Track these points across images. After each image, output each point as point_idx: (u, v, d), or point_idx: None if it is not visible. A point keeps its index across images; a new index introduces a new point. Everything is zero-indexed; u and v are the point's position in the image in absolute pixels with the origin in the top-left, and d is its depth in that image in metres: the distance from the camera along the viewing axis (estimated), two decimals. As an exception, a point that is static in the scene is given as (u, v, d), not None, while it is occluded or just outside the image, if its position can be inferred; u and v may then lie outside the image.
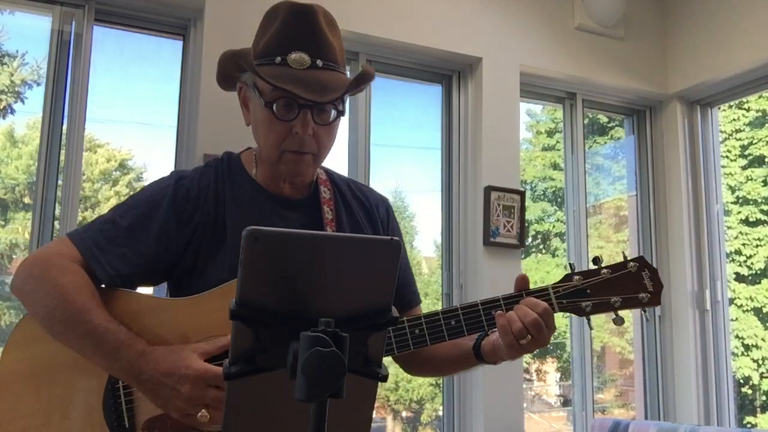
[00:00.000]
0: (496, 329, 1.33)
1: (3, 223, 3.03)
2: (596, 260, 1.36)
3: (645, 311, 1.37)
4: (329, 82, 1.33)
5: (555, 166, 8.13)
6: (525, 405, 4.16)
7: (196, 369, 1.19)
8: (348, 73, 1.44)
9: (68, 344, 1.26)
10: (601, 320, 4.28)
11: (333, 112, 1.37)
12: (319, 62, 1.33)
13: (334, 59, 1.37)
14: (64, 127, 2.73)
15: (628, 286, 1.35)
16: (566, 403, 7.24)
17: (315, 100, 1.32)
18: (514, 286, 1.36)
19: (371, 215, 1.53)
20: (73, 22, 2.78)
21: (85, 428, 1.27)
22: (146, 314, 1.30)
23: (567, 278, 1.36)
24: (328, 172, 1.55)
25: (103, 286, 1.32)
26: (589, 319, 1.37)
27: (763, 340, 8.13)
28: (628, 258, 1.37)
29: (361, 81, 1.39)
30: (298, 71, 1.32)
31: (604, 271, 1.36)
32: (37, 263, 1.30)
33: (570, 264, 1.39)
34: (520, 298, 1.32)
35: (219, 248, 1.36)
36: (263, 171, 1.44)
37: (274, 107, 1.33)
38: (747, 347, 8.08)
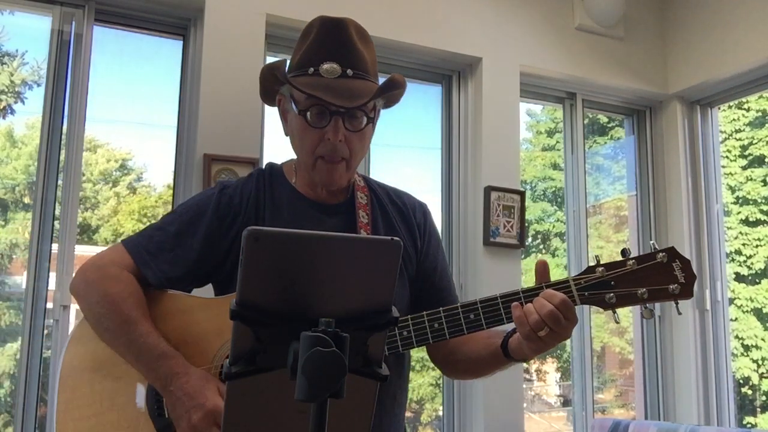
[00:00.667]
0: None
1: (3, 223, 3.03)
2: (624, 252, 1.32)
3: (677, 304, 1.32)
4: (358, 89, 1.41)
5: (555, 166, 8.13)
6: (525, 405, 4.16)
7: (213, 403, 1.26)
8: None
9: (114, 349, 1.38)
10: (600, 320, 4.28)
11: (364, 119, 1.44)
12: (349, 71, 1.42)
13: (365, 69, 1.45)
14: (64, 127, 2.73)
15: (657, 277, 1.30)
16: (566, 403, 7.24)
17: (343, 105, 1.38)
18: (535, 275, 1.35)
19: (408, 220, 1.59)
20: (73, 22, 2.78)
21: (129, 418, 1.37)
22: (186, 312, 1.42)
23: (590, 270, 1.33)
24: (366, 179, 1.63)
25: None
26: (615, 312, 1.33)
27: (763, 340, 8.13)
28: (658, 248, 1.32)
29: (389, 87, 1.46)
30: (329, 80, 1.40)
31: (630, 262, 1.31)
32: (93, 270, 1.42)
33: (595, 257, 1.35)
34: (539, 291, 1.30)
35: None
36: (302, 179, 1.52)
37: (308, 115, 1.41)
38: (747, 347, 8.07)
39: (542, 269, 1.34)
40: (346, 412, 0.85)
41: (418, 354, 3.43)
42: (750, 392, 8.09)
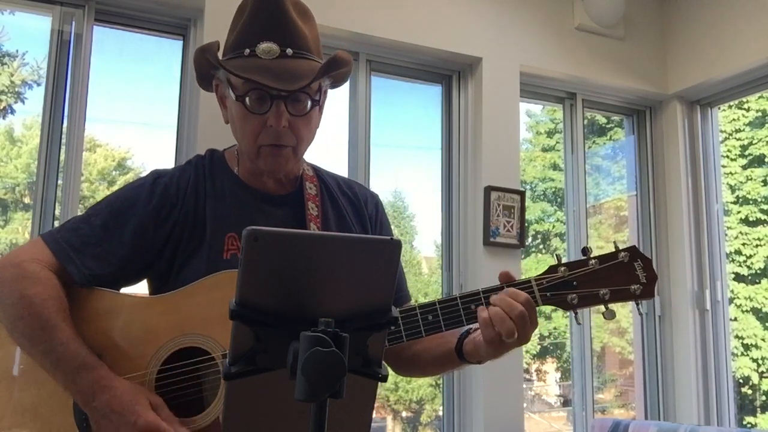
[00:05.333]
0: (477, 325, 1.25)
1: (3, 223, 3.03)
2: (585, 251, 1.29)
3: (639, 305, 1.29)
4: (299, 70, 1.30)
5: (555, 167, 8.13)
6: (525, 405, 4.16)
7: (145, 420, 1.16)
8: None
9: (30, 356, 1.24)
10: (600, 320, 4.27)
11: (308, 102, 1.33)
12: (289, 51, 1.31)
13: (306, 47, 1.33)
14: (64, 126, 2.73)
15: (619, 277, 1.27)
16: (566, 403, 7.23)
17: (283, 88, 1.28)
18: (499, 281, 1.29)
19: (359, 211, 1.50)
20: (73, 22, 2.78)
21: (54, 428, 1.25)
22: (118, 313, 1.28)
23: (552, 270, 1.29)
24: (315, 168, 1.52)
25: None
26: (576, 313, 1.29)
27: (762, 340, 8.13)
28: (620, 248, 1.29)
29: (333, 66, 1.35)
30: (266, 61, 1.29)
31: (592, 261, 1.28)
32: (9, 268, 1.26)
33: (556, 255, 1.32)
34: (499, 291, 1.25)
35: (199, 245, 1.34)
36: (245, 167, 1.42)
37: (246, 101, 1.31)
38: (746, 347, 8.07)
39: (504, 278, 1.29)
40: (346, 412, 0.85)
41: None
42: (750, 392, 8.09)
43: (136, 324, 1.27)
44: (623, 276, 1.28)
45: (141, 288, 1.40)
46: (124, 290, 1.36)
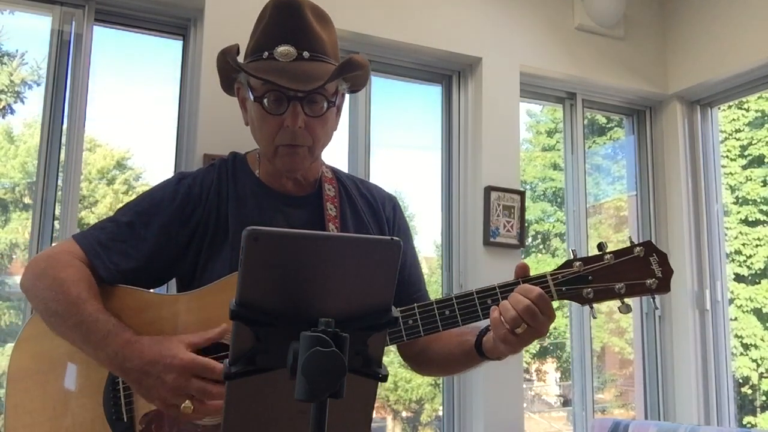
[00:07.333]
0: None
1: (2, 223, 3.03)
2: (600, 246, 1.30)
3: (654, 299, 1.31)
4: (315, 71, 1.34)
5: (555, 167, 8.13)
6: (525, 405, 4.16)
7: (181, 359, 1.19)
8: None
9: (63, 336, 1.28)
10: (601, 320, 4.28)
11: (324, 103, 1.37)
12: (305, 54, 1.35)
13: (323, 51, 1.37)
14: (64, 127, 2.73)
15: (634, 272, 1.28)
16: (566, 403, 7.23)
17: (298, 89, 1.32)
18: (514, 274, 1.31)
19: (377, 213, 1.53)
20: (73, 22, 2.78)
21: (85, 422, 1.29)
22: (145, 310, 1.33)
23: (567, 264, 1.30)
24: (334, 170, 1.56)
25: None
26: (592, 308, 1.30)
27: (762, 340, 8.13)
28: (635, 243, 1.30)
29: (347, 68, 1.37)
30: (284, 63, 1.34)
31: (608, 256, 1.29)
32: (43, 260, 1.34)
33: (572, 251, 1.33)
34: (516, 286, 1.27)
35: (221, 245, 1.38)
36: (265, 168, 1.46)
37: (265, 101, 1.36)
38: (746, 347, 8.07)
39: (521, 270, 1.31)
40: (346, 412, 0.85)
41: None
42: (750, 392, 8.09)
43: (164, 320, 1.31)
44: (638, 270, 1.29)
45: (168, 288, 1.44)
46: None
